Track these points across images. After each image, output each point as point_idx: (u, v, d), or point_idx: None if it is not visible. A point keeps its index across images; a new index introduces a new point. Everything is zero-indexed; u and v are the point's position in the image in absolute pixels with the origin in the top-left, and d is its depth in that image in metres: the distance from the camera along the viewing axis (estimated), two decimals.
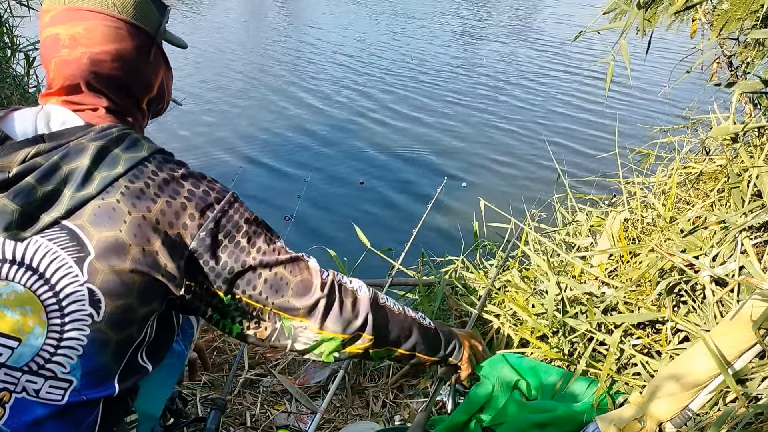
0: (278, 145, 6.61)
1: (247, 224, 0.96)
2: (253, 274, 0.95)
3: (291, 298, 0.98)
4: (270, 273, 0.96)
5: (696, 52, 2.13)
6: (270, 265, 0.96)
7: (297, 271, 0.99)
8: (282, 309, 0.99)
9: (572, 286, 1.83)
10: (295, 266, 1.00)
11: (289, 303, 0.98)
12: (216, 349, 1.94)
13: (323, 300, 1.00)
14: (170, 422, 1.39)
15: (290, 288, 0.98)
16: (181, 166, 0.95)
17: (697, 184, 2.07)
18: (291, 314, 0.99)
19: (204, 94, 8.15)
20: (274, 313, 0.98)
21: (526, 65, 10.00)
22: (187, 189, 0.92)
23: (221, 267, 0.93)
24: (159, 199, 0.89)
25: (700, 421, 1.29)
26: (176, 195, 0.90)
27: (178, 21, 12.82)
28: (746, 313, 1.27)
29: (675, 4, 1.76)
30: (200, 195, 0.93)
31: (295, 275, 0.99)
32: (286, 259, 0.99)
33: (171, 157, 0.97)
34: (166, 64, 1.10)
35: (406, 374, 1.88)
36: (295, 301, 0.98)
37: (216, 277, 0.93)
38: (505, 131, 7.09)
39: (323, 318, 1.01)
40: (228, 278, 0.93)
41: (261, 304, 0.97)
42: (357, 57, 10.25)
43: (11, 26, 3.50)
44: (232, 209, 0.95)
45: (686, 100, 3.18)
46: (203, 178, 0.96)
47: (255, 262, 0.95)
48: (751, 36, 1.73)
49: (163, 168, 0.92)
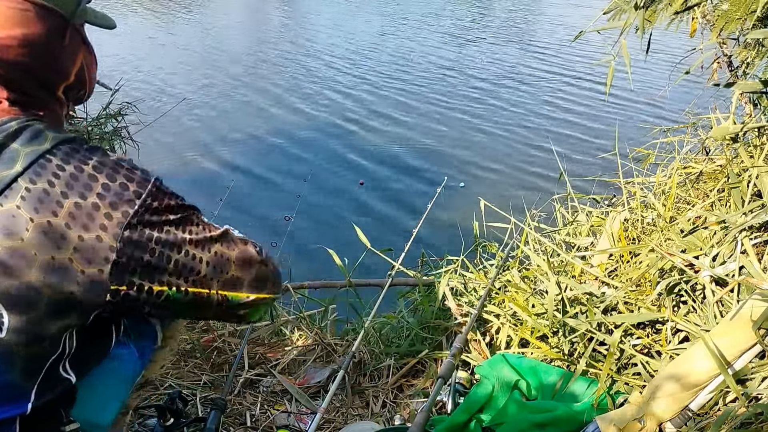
0: (278, 145, 6.61)
1: (174, 212, 0.89)
2: (194, 260, 0.90)
3: (235, 272, 0.95)
4: (209, 254, 0.92)
5: (696, 52, 2.14)
6: (207, 247, 0.92)
7: (233, 245, 0.96)
8: (228, 286, 0.95)
9: (572, 286, 1.83)
10: (230, 241, 0.96)
11: (234, 278, 0.95)
12: (216, 349, 1.94)
13: (263, 266, 0.99)
14: (170, 422, 1.39)
15: (232, 263, 0.95)
16: (93, 153, 0.85)
17: (697, 184, 2.07)
18: (237, 290, 0.97)
19: (204, 93, 8.15)
20: (220, 294, 0.95)
21: (526, 66, 10.00)
22: (101, 184, 0.83)
23: (157, 261, 0.86)
24: (66, 200, 0.79)
25: (700, 421, 1.29)
26: (87, 192, 0.81)
27: (179, 21, 12.83)
28: (746, 313, 1.27)
29: (674, 3, 1.77)
30: (117, 190, 0.83)
31: (233, 249, 0.96)
32: (219, 236, 0.94)
33: (80, 145, 0.86)
34: (87, 47, 0.98)
35: (406, 374, 1.88)
36: (239, 273, 0.96)
37: (155, 272, 0.86)
38: (505, 131, 7.09)
39: (266, 283, 1.00)
40: (169, 269, 0.87)
41: (206, 288, 0.93)
42: (358, 58, 10.25)
43: None
44: (156, 200, 0.87)
45: (686, 101, 3.18)
46: (120, 166, 0.86)
47: (192, 248, 0.90)
48: (751, 36, 1.73)
49: (70, 160, 0.82)
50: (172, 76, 8.82)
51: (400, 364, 1.92)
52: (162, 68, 9.13)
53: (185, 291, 0.91)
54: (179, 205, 0.91)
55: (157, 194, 0.87)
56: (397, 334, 2.11)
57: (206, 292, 0.93)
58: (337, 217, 5.06)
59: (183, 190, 1.00)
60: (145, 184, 0.87)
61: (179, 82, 8.55)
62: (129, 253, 0.83)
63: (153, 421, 1.46)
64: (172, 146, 6.39)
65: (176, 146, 6.42)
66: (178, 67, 9.24)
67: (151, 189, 0.87)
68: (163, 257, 0.87)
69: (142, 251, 0.84)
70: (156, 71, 8.96)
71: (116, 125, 3.98)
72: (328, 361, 1.97)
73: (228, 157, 6.23)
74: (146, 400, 1.63)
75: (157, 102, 7.52)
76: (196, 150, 6.40)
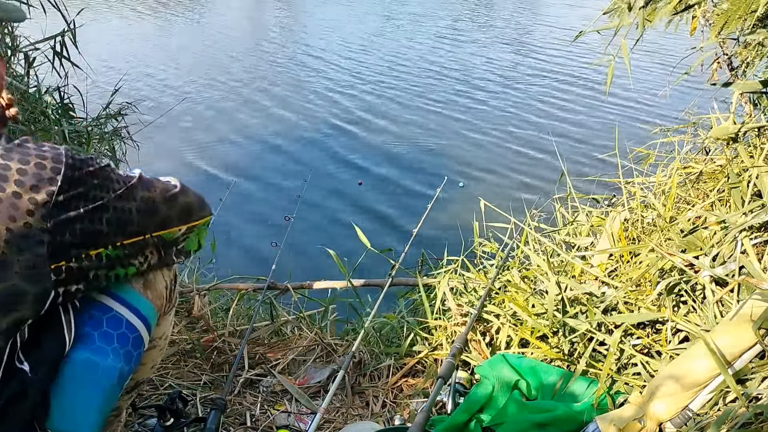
0: (278, 145, 6.61)
1: (95, 177, 0.91)
2: (124, 213, 0.93)
3: (163, 210, 1.00)
4: (136, 202, 0.96)
5: (696, 52, 2.14)
6: (132, 196, 0.95)
7: (153, 186, 1.00)
8: (161, 226, 1.00)
9: (572, 286, 1.83)
10: (149, 183, 1.00)
11: (164, 216, 1.00)
12: (216, 349, 1.94)
13: (184, 197, 1.04)
14: (170, 422, 1.39)
15: (158, 203, 0.99)
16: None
17: (697, 184, 2.07)
18: (169, 226, 1.01)
19: (204, 93, 8.15)
20: (155, 236, 0.99)
21: (526, 66, 9.99)
22: (16, 169, 0.82)
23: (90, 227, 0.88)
24: None
25: (700, 421, 1.29)
26: (5, 183, 0.81)
27: (179, 21, 12.83)
28: (746, 313, 1.27)
29: (673, 1, 1.77)
30: (33, 171, 0.84)
31: (154, 190, 1.00)
32: (138, 182, 0.97)
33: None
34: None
35: (406, 374, 1.88)
36: (167, 210, 1.01)
37: (90, 238, 0.89)
38: (505, 131, 7.09)
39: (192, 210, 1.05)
40: (103, 231, 0.91)
41: (141, 234, 0.97)
42: (358, 58, 10.25)
43: (11, 26, 3.50)
44: (76, 171, 0.88)
45: (686, 101, 3.19)
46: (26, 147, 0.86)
47: (119, 202, 0.93)
48: (751, 36, 1.73)
49: None
50: (172, 76, 8.82)
51: (400, 364, 1.92)
52: (162, 68, 9.13)
53: (121, 245, 0.94)
54: (98, 168, 0.92)
55: (74, 165, 0.88)
56: (397, 334, 2.11)
57: (142, 239, 0.97)
58: (337, 217, 5.06)
59: None
60: (60, 158, 0.87)
61: (179, 82, 8.55)
62: (61, 230, 0.85)
63: (153, 421, 1.46)
64: (172, 146, 6.39)
65: (176, 146, 6.42)
66: (178, 67, 9.24)
67: (68, 162, 0.87)
68: (95, 221, 0.89)
69: (73, 223, 0.86)
70: (156, 71, 8.96)
71: (116, 125, 3.98)
72: (328, 361, 1.96)
73: (228, 157, 6.23)
74: (146, 400, 1.63)
75: (157, 102, 7.52)
76: (196, 150, 6.39)
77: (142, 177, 0.99)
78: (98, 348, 0.99)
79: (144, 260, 1.02)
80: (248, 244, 4.49)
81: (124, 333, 1.05)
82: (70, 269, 0.88)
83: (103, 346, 1.00)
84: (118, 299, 1.03)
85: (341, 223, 4.89)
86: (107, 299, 1.02)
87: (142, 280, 1.06)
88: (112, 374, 1.01)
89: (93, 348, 0.99)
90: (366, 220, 4.98)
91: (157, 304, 1.10)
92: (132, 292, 1.05)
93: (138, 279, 1.05)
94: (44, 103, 3.50)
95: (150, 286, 1.08)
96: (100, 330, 1.00)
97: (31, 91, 3.57)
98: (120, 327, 1.04)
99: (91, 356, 0.98)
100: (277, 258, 2.27)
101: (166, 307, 1.14)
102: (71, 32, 3.51)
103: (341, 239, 4.43)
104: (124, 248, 0.95)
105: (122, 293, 1.03)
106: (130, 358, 1.05)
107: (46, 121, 3.49)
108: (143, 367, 1.18)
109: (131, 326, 1.05)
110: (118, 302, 1.03)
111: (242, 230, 4.70)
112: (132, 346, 1.05)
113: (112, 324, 1.02)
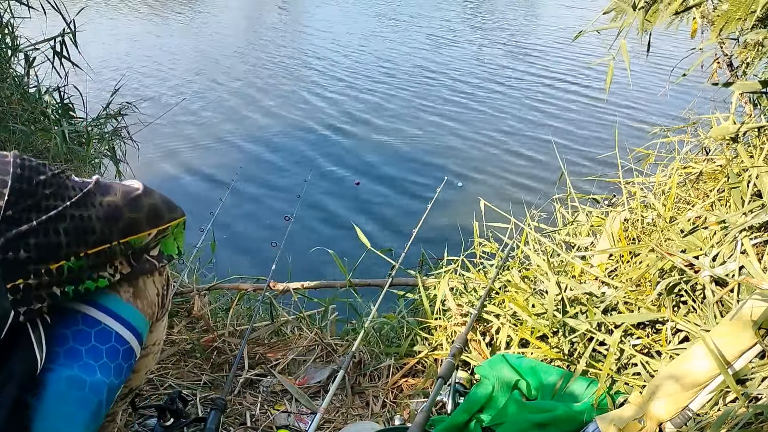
0: (278, 145, 6.61)
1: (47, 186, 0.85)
2: (83, 221, 0.87)
3: (128, 214, 0.94)
4: (96, 209, 0.90)
5: (696, 52, 2.14)
6: (90, 202, 0.89)
7: (113, 189, 0.94)
8: (127, 232, 0.94)
9: (572, 286, 1.83)
10: (108, 187, 0.94)
11: (130, 220, 0.94)
12: (216, 349, 1.94)
13: (149, 198, 0.98)
14: (170, 422, 1.39)
15: (121, 207, 0.93)
16: None
17: (697, 184, 2.07)
18: (138, 231, 0.95)
19: (204, 93, 8.15)
20: (122, 243, 0.93)
21: (526, 66, 9.99)
22: None
23: (46, 240, 0.83)
24: None
25: (700, 421, 1.29)
26: None
27: (180, 21, 12.82)
28: (746, 313, 1.27)
29: (674, 3, 1.77)
30: None
31: (115, 194, 0.94)
32: (96, 187, 0.92)
33: None
34: None
35: (406, 374, 1.88)
36: (132, 214, 0.95)
37: (49, 250, 0.83)
38: (505, 131, 7.09)
39: (161, 212, 0.99)
40: (62, 242, 0.85)
41: (107, 242, 0.91)
42: (358, 58, 10.25)
43: (12, 26, 3.50)
44: (25, 182, 0.83)
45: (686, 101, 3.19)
46: None
47: (76, 210, 0.87)
48: (751, 36, 1.73)
49: None
50: (172, 76, 8.82)
51: (400, 364, 1.92)
52: (162, 68, 9.13)
53: (85, 255, 0.88)
54: (49, 176, 0.87)
55: (23, 175, 0.83)
56: (397, 334, 2.11)
57: (107, 247, 0.91)
58: (337, 217, 5.06)
59: (182, 191, 1.00)
60: (6, 168, 0.82)
61: (179, 82, 8.55)
62: (14, 246, 0.80)
63: (153, 421, 1.46)
64: (171, 146, 6.39)
65: (176, 146, 6.42)
66: (178, 68, 9.24)
67: (16, 172, 0.82)
68: (50, 233, 0.84)
69: (26, 238, 0.81)
70: (156, 71, 8.96)
71: (116, 125, 3.98)
72: (328, 361, 1.97)
73: (228, 157, 6.23)
74: (146, 400, 1.63)
75: (157, 102, 7.52)
76: (196, 150, 6.39)
77: (99, 182, 0.94)
78: (85, 364, 0.96)
79: (114, 271, 0.96)
80: (248, 244, 4.49)
81: (113, 346, 1.01)
82: (29, 287, 0.83)
83: (90, 362, 0.97)
84: (107, 311, 0.99)
85: (341, 223, 4.90)
86: (95, 311, 0.98)
87: (131, 288, 1.02)
88: (100, 390, 0.98)
89: (80, 364, 0.95)
90: (366, 220, 4.98)
91: (149, 313, 1.06)
92: (121, 303, 1.01)
93: (127, 288, 1.01)
94: (44, 103, 3.50)
95: (140, 294, 1.04)
96: (88, 345, 0.96)
97: (31, 91, 3.58)
98: (109, 340, 1.00)
99: (77, 373, 0.95)
100: (277, 258, 2.27)
101: (158, 314, 1.10)
102: (71, 32, 3.51)
103: (341, 239, 4.43)
104: (88, 258, 0.89)
105: (110, 304, 0.99)
106: (120, 371, 1.02)
107: (46, 121, 3.50)
108: (136, 374, 1.16)
109: (121, 339, 1.01)
110: (107, 314, 0.99)
111: (242, 230, 4.70)
112: (122, 359, 1.02)
113: (100, 338, 0.98)
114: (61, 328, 0.95)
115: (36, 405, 0.91)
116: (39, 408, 0.90)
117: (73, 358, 0.95)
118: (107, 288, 0.97)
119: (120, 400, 1.16)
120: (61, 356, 0.94)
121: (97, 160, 3.82)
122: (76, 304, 0.96)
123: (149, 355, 1.17)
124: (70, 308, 0.96)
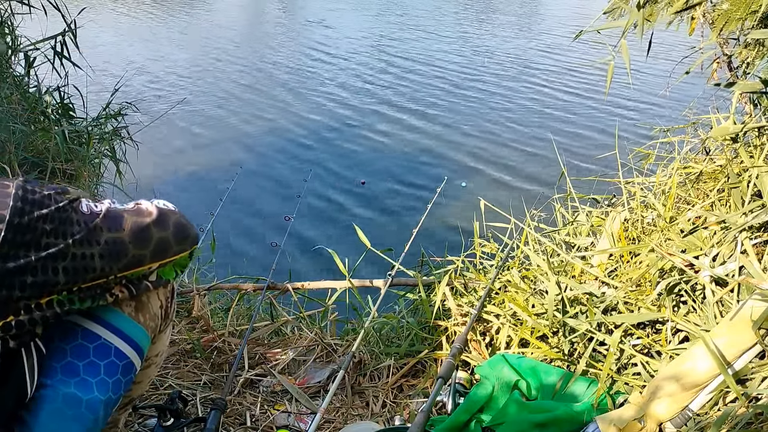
0: (278, 145, 6.61)
1: (49, 221, 0.81)
2: (84, 260, 0.83)
3: (133, 251, 0.89)
4: (99, 246, 0.85)
5: (696, 52, 2.14)
6: (95, 239, 0.84)
7: (121, 223, 0.89)
8: (129, 268, 0.90)
9: (572, 286, 1.83)
10: (116, 220, 0.88)
11: (134, 257, 0.89)
12: (216, 349, 1.94)
13: (159, 230, 0.93)
14: (170, 422, 1.39)
15: (127, 244, 0.88)
16: None
17: (697, 184, 2.07)
18: (138, 266, 0.91)
19: (204, 93, 8.15)
20: (120, 276, 0.90)
21: (525, 66, 9.99)
22: None
23: (43, 279, 0.79)
24: None
25: (700, 421, 1.29)
26: None
27: (180, 21, 12.82)
28: (746, 313, 1.27)
29: (675, 3, 1.77)
30: None
31: (122, 229, 0.88)
32: (103, 221, 0.86)
33: None
34: None
35: (406, 374, 1.88)
36: (138, 251, 0.90)
37: (43, 288, 0.80)
38: (506, 131, 7.09)
39: (168, 245, 0.94)
40: (59, 281, 0.81)
41: (105, 276, 0.88)
42: (359, 58, 10.25)
43: (12, 26, 3.50)
44: (25, 216, 0.78)
45: (686, 101, 3.19)
46: None
47: (78, 248, 0.82)
48: (751, 36, 1.73)
49: None
50: (172, 76, 8.82)
51: (400, 364, 1.92)
52: (162, 68, 9.13)
53: (78, 289, 0.84)
54: (53, 210, 0.82)
55: (23, 209, 0.78)
56: (397, 334, 2.11)
57: (104, 281, 0.88)
58: (337, 217, 5.06)
59: (182, 191, 0.98)
60: (6, 201, 0.78)
61: (179, 83, 8.55)
62: (8, 284, 0.76)
63: (153, 421, 1.46)
64: (171, 146, 6.39)
65: (176, 146, 6.42)
66: (178, 68, 9.24)
67: (16, 205, 0.78)
68: (48, 271, 0.80)
69: (21, 275, 0.77)
70: (156, 71, 8.96)
71: (116, 125, 3.98)
72: (328, 361, 1.96)
73: (228, 158, 6.23)
74: (146, 400, 1.63)
75: (157, 102, 7.52)
76: (196, 150, 6.39)
77: (109, 212, 0.89)
78: (82, 381, 0.94)
79: (112, 297, 0.93)
80: (248, 244, 4.49)
81: (112, 361, 0.99)
82: (21, 323, 0.80)
83: (88, 378, 0.95)
84: (107, 325, 0.96)
85: (341, 223, 4.90)
86: (95, 326, 0.96)
87: (133, 302, 0.99)
88: (96, 408, 0.96)
89: (77, 381, 0.93)
90: (366, 220, 4.98)
91: (151, 326, 1.03)
92: (122, 317, 0.98)
93: (129, 302, 0.98)
94: (44, 103, 3.50)
95: (143, 308, 1.01)
96: (86, 361, 0.94)
97: (31, 91, 3.58)
98: (108, 356, 0.98)
99: (73, 391, 0.93)
100: (277, 258, 2.27)
101: (161, 326, 1.08)
102: (71, 32, 3.52)
103: (341, 239, 4.44)
104: (80, 291, 0.85)
105: (111, 319, 0.97)
106: (118, 386, 0.99)
107: (46, 121, 3.50)
108: (138, 385, 1.14)
109: (120, 353, 0.98)
110: (107, 329, 0.96)
111: (242, 230, 4.70)
112: (121, 374, 1.00)
113: (99, 353, 0.96)
114: (60, 342, 0.94)
115: (31, 422, 0.90)
116: (34, 425, 0.89)
117: (70, 374, 0.93)
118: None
119: (121, 408, 1.15)
120: (59, 372, 0.93)
121: (97, 160, 3.82)
122: (76, 317, 0.94)
123: (151, 366, 1.15)
124: (71, 322, 0.94)
